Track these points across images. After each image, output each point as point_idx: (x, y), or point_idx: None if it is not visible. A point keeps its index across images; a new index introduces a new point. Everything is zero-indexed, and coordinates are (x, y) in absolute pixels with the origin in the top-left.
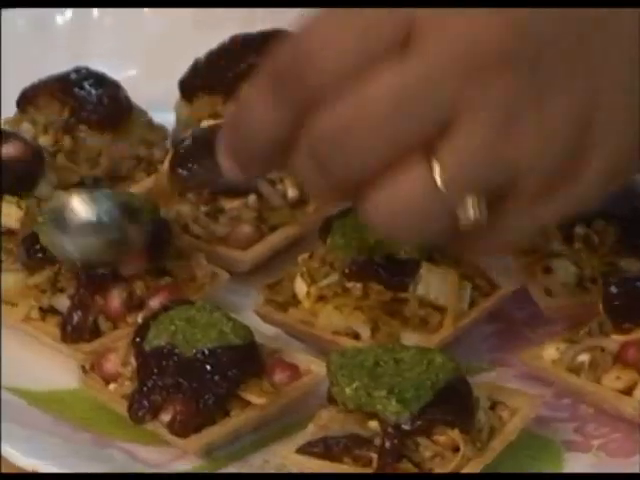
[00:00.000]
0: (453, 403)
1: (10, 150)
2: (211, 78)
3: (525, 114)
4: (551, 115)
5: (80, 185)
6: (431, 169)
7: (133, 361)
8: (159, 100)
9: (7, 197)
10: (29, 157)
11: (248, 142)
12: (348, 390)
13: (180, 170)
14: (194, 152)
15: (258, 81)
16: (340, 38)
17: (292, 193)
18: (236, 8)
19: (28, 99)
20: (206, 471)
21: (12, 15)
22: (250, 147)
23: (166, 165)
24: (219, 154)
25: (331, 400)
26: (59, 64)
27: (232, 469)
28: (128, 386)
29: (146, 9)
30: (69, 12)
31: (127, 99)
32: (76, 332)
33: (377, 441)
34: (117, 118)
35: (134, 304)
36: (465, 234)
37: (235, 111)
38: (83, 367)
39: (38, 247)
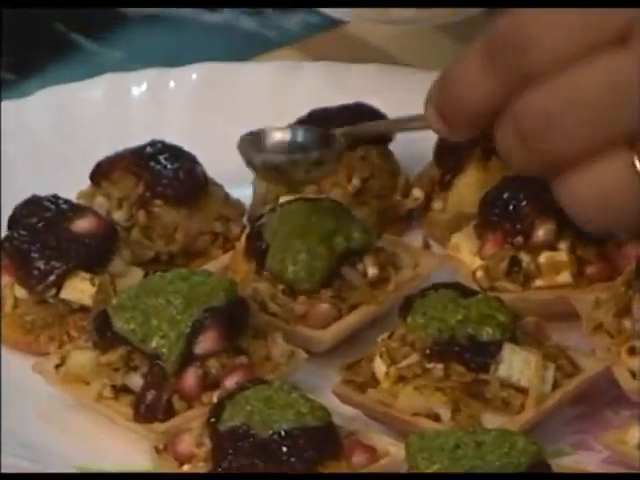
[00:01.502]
0: None
1: (85, 225)
2: None
3: None
4: None
5: (155, 261)
6: (634, 160)
7: (208, 442)
8: (236, 175)
9: (81, 273)
10: (103, 233)
11: (459, 104)
12: None
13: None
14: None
15: (477, 47)
16: (567, 24)
17: (372, 272)
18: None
19: (102, 173)
20: None
21: (88, 85)
22: (460, 109)
23: (243, 241)
24: (427, 110)
25: None
26: (135, 137)
27: None
28: (202, 467)
29: (224, 78)
30: (144, 84)
31: (203, 173)
32: (150, 412)
33: None
34: (193, 193)
35: (209, 383)
36: None
37: (450, 70)
38: (156, 447)
39: (110, 326)
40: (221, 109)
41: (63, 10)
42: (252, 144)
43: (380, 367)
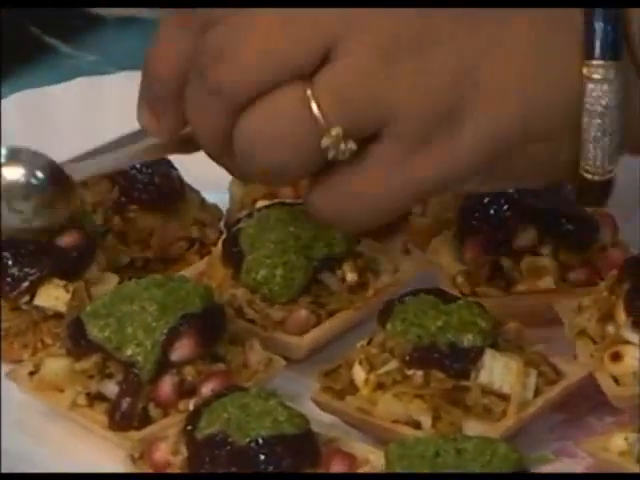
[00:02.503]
0: None
1: (69, 240)
2: None
3: (404, 55)
4: (430, 61)
5: (130, 267)
6: (306, 95)
7: (184, 450)
8: (213, 179)
9: (55, 280)
10: (83, 245)
11: (157, 84)
12: None
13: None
14: None
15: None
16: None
17: (351, 277)
18: None
19: None
20: None
21: (62, 89)
22: (158, 88)
23: (219, 247)
24: (139, 112)
25: None
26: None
27: None
28: None
29: None
30: (119, 87)
31: (179, 178)
32: (125, 419)
33: None
34: (169, 198)
35: (185, 391)
36: (335, 172)
37: (147, 53)
38: (132, 456)
39: (84, 333)
40: None
41: (37, 12)
42: None
43: (359, 374)
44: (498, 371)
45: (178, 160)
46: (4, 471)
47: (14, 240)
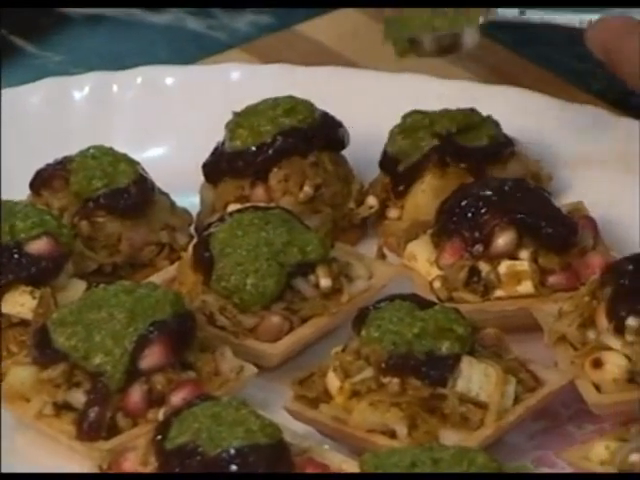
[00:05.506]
0: None
1: (41, 247)
2: (237, 162)
3: None
4: None
5: (98, 273)
6: None
7: (153, 460)
8: (183, 183)
9: (21, 286)
10: (55, 253)
11: None
12: None
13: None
14: None
15: None
16: None
17: (324, 283)
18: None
19: (43, 181)
20: None
21: (28, 90)
22: None
23: (190, 252)
24: None
25: None
26: (77, 144)
27: None
28: None
29: (169, 81)
30: (87, 88)
31: (149, 182)
32: (93, 429)
33: None
34: (138, 203)
35: (155, 400)
36: None
37: None
38: (100, 467)
39: (50, 342)
40: (167, 114)
41: (3, 12)
42: None
43: (333, 382)
44: (476, 379)
45: (147, 162)
46: None
47: None
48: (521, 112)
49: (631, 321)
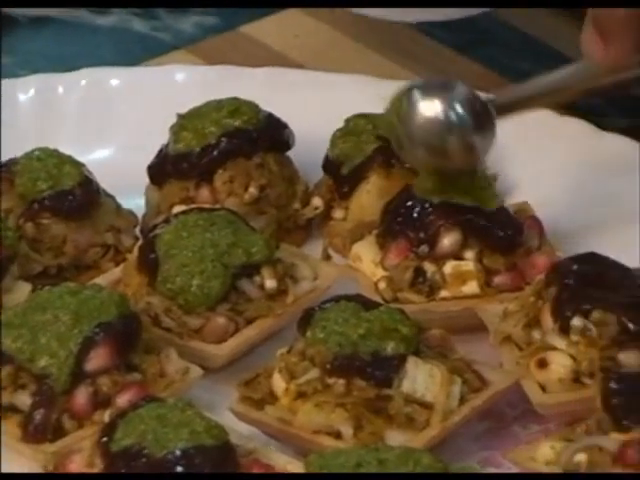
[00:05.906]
0: None
1: None
2: (182, 164)
3: None
4: None
5: (43, 275)
6: None
7: (99, 462)
8: (128, 184)
9: None
10: (0, 256)
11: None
12: None
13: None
14: None
15: None
16: None
17: (270, 284)
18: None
19: None
20: None
21: None
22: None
23: (135, 253)
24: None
25: None
26: (21, 146)
27: None
28: None
29: (114, 83)
30: (32, 90)
31: (94, 183)
32: (38, 432)
33: None
34: (83, 205)
35: (100, 401)
36: None
37: None
38: (46, 468)
39: None
40: (112, 115)
41: None
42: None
43: (279, 383)
44: (421, 379)
45: (92, 163)
46: None
47: None
48: None
49: (576, 321)
